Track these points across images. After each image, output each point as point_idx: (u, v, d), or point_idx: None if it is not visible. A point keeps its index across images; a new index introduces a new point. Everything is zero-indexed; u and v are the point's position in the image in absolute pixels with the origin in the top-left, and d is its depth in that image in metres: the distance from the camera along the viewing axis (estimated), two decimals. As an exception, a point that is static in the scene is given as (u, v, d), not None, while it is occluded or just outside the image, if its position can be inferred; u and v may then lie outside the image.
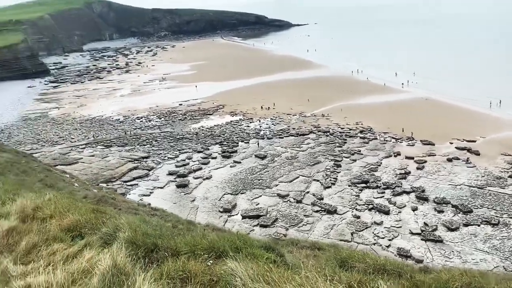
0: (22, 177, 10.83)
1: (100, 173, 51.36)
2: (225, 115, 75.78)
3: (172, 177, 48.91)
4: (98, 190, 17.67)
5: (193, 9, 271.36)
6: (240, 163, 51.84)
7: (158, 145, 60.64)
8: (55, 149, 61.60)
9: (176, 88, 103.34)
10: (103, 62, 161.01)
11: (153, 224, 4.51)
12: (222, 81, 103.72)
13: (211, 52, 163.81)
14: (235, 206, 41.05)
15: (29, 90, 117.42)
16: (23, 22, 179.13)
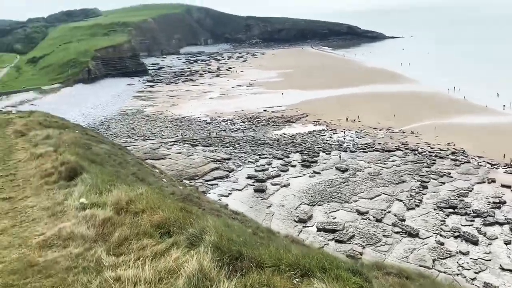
0: (117, 168, 11.49)
1: (185, 170, 53.66)
2: (308, 124, 75.37)
3: (250, 181, 49.62)
4: (183, 187, 18.31)
5: (285, 18, 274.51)
6: (320, 174, 51.10)
7: (240, 148, 61.97)
8: (146, 144, 65.63)
9: (262, 94, 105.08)
10: (196, 66, 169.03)
11: (236, 229, 4.49)
12: (308, 90, 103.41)
13: (299, 60, 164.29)
14: (311, 217, 40.47)
15: (129, 87, 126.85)
16: (129, 24, 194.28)
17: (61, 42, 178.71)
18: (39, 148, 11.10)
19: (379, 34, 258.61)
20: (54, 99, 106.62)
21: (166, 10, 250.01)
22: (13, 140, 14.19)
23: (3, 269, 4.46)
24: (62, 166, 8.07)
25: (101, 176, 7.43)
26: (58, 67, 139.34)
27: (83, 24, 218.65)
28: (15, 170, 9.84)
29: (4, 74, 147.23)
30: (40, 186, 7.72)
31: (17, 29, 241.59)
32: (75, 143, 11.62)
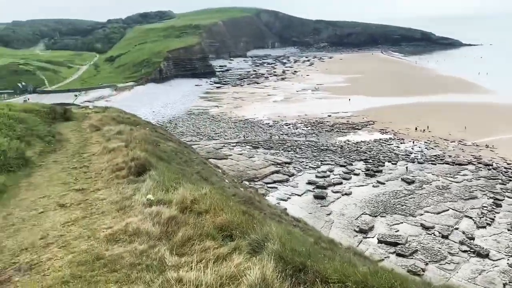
0: (183, 166, 11.75)
1: (245, 171, 54.19)
2: (374, 131, 73.16)
3: (311, 187, 48.98)
4: (244, 189, 18.42)
5: (355, 22, 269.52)
6: (384, 184, 49.31)
7: (301, 153, 61.48)
8: (210, 143, 67.18)
9: (327, 99, 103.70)
10: (262, 68, 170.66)
11: (298, 238, 4.34)
12: (376, 97, 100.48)
13: (368, 66, 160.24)
14: (372, 228, 39.12)
15: (196, 88, 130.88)
16: (200, 27, 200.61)
17: (136, 42, 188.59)
18: (111, 142, 11.62)
19: (455, 41, 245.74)
20: (127, 96, 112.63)
21: (236, 13, 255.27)
22: (89, 134, 15.03)
23: (72, 260, 4.61)
24: (132, 161, 8.34)
25: (168, 173, 7.56)
26: (132, 66, 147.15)
27: (158, 26, 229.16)
28: (89, 162, 10.33)
29: (85, 71, 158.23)
30: (111, 179, 8.03)
31: (97, 29, 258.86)
32: (145, 139, 12.04)
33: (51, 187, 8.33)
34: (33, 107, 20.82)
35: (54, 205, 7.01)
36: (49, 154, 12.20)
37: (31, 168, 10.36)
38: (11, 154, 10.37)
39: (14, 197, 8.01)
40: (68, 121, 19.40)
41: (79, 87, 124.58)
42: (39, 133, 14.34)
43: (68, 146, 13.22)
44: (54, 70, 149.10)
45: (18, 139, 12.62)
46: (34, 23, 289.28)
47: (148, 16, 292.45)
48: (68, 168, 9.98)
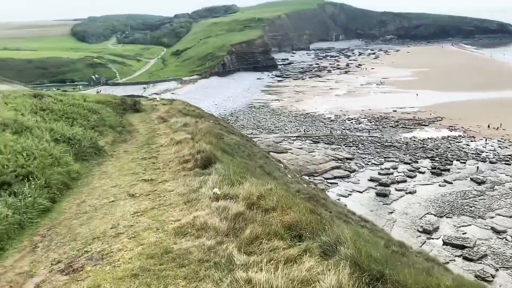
0: (246, 160, 11.72)
1: (305, 166, 53.80)
2: (442, 128, 69.52)
3: (373, 184, 47.65)
4: (306, 185, 18.19)
5: (424, 14, 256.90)
6: (451, 184, 46.82)
7: (363, 149, 59.91)
8: (270, 137, 67.39)
9: (393, 94, 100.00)
10: (325, 62, 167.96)
11: (369, 240, 4.10)
12: (445, 91, 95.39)
13: (437, 59, 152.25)
14: (437, 229, 37.35)
15: (258, 81, 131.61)
16: (263, 20, 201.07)
17: (201, 36, 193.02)
18: (178, 134, 11.93)
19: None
20: (192, 89, 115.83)
21: (300, 6, 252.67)
22: (156, 125, 15.53)
23: (142, 252, 4.66)
24: (198, 154, 8.45)
25: (233, 167, 7.57)
26: (197, 60, 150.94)
27: (222, 20, 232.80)
28: (157, 153, 10.63)
29: (153, 64, 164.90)
30: (178, 171, 8.19)
31: (165, 24, 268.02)
32: (209, 132, 12.22)
33: (121, 176, 8.61)
34: (106, 98, 22.17)
35: (125, 194, 7.22)
36: (120, 144, 12.72)
37: (103, 157, 10.83)
38: (85, 143, 10.89)
39: (87, 184, 8.36)
40: (138, 112, 20.30)
41: (147, 79, 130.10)
42: (111, 124, 15.10)
43: (137, 136, 13.68)
44: (125, 63, 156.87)
45: (92, 128, 13.34)
46: (108, 19, 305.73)
47: (214, 10, 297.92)
48: (138, 159, 10.29)
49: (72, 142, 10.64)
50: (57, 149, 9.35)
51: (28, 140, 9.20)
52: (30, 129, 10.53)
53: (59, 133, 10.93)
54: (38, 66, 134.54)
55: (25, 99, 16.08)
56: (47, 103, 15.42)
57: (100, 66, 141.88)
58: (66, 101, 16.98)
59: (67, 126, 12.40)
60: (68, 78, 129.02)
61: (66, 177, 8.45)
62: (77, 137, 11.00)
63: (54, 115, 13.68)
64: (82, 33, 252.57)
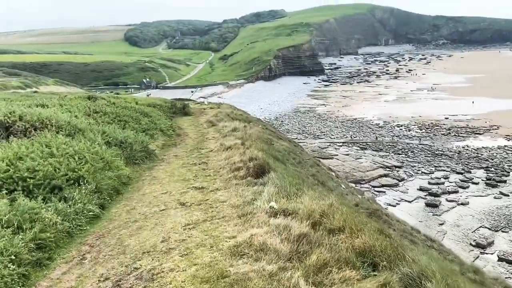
0: (297, 168, 11.36)
1: (351, 172, 52.66)
2: (498, 137, 65.94)
3: (422, 193, 45.83)
4: (361, 196, 17.52)
5: (480, 17, 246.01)
6: (508, 197, 44.16)
7: (413, 157, 57.89)
8: (315, 142, 66.65)
9: (445, 100, 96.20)
10: (374, 66, 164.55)
11: (445, 267, 3.65)
12: (501, 99, 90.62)
13: (494, 64, 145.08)
14: (491, 244, 35.29)
15: (304, 86, 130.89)
16: (311, 25, 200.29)
17: (248, 41, 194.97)
18: (227, 139, 11.75)
19: None
20: (238, 93, 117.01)
21: (349, 10, 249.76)
22: (205, 129, 15.46)
23: (196, 274, 4.28)
24: (250, 162, 8.18)
25: (288, 177, 7.18)
26: (244, 64, 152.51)
27: (269, 25, 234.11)
28: (207, 159, 10.46)
29: (201, 69, 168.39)
30: (229, 179, 7.92)
31: (213, 29, 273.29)
32: (259, 137, 11.95)
33: (172, 182, 8.44)
34: (156, 101, 22.47)
35: (175, 203, 7.03)
36: (170, 148, 12.66)
37: (153, 161, 10.75)
38: (136, 147, 10.80)
39: (138, 190, 8.20)
40: (187, 115, 20.50)
41: (195, 83, 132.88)
42: (162, 127, 15.17)
43: (187, 140, 13.65)
44: (174, 68, 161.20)
45: (143, 132, 13.40)
46: (159, 24, 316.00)
47: (261, 15, 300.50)
48: (188, 164, 10.14)
49: (123, 145, 10.55)
50: (108, 152, 9.24)
51: (80, 143, 9.12)
52: (83, 131, 10.55)
53: (111, 136, 10.88)
54: (94, 70, 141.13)
55: (79, 101, 16.45)
56: (100, 105, 15.66)
57: (151, 70, 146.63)
58: (119, 103, 17.18)
59: (119, 129, 12.43)
60: (121, 81, 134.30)
61: (117, 182, 8.34)
62: (129, 141, 10.90)
63: (106, 118, 13.83)
64: (134, 38, 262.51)
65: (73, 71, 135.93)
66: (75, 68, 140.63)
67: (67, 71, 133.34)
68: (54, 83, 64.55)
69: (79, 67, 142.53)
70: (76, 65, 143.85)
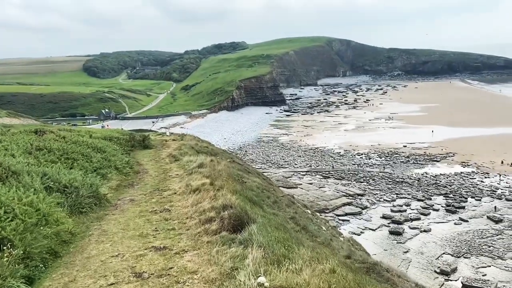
0: (275, 210, 10.69)
1: (315, 202, 52.55)
2: (454, 164, 68.33)
3: (385, 221, 46.18)
4: (345, 241, 16.48)
5: (432, 50, 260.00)
6: (468, 222, 45.23)
7: (375, 185, 58.73)
8: (279, 171, 66.53)
9: (402, 129, 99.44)
10: (333, 97, 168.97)
11: None
12: (455, 127, 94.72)
13: (446, 95, 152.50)
14: (455, 270, 35.64)
15: (266, 116, 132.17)
16: (271, 57, 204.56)
17: (210, 72, 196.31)
18: (194, 178, 10.56)
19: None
20: (201, 123, 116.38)
21: (308, 42, 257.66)
22: (168, 165, 14.34)
23: None
24: (225, 210, 7.00)
25: (271, 230, 6.04)
26: (206, 94, 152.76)
27: (231, 56, 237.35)
28: (170, 205, 9.12)
29: (162, 99, 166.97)
30: (199, 235, 6.66)
31: (175, 60, 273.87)
32: (229, 174, 10.96)
33: (126, 239, 7.01)
34: (113, 134, 21.34)
35: (129, 272, 5.60)
36: (126, 190, 11.34)
37: (104, 209, 9.28)
38: (84, 191, 9.24)
39: (82, 251, 6.71)
40: (147, 149, 19.36)
41: (156, 114, 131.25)
42: (117, 164, 13.79)
43: (146, 179, 12.44)
44: (135, 98, 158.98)
45: (95, 171, 12.02)
46: (119, 55, 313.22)
47: (223, 47, 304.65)
48: (147, 212, 8.73)
49: (68, 190, 8.98)
50: (47, 201, 7.55)
51: (10, 191, 7.32)
52: (18, 174, 8.88)
53: (54, 179, 9.22)
54: (50, 101, 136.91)
55: (22, 136, 14.89)
56: (47, 140, 14.33)
57: (110, 101, 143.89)
58: (69, 138, 15.85)
59: (65, 169, 10.91)
60: (79, 112, 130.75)
61: (55, 241, 6.72)
62: (75, 184, 9.32)
63: (51, 156, 12.17)
64: (93, 68, 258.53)
65: (28, 102, 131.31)
66: (30, 99, 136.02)
67: (21, 102, 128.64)
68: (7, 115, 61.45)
69: (35, 98, 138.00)
70: (31, 96, 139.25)
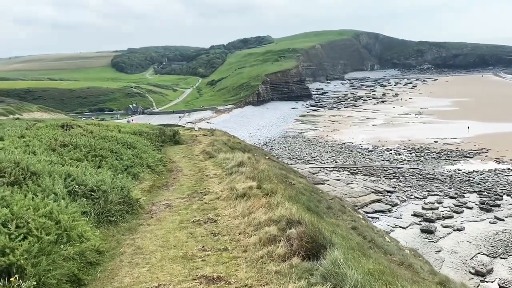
0: (332, 218, 8.70)
1: (343, 198, 51.69)
2: (488, 160, 65.94)
3: (417, 219, 44.91)
4: (414, 253, 14.79)
5: (463, 43, 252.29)
6: (503, 221, 43.51)
7: (405, 181, 57.27)
8: (306, 167, 65.73)
9: (433, 124, 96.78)
10: (360, 91, 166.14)
11: None
12: (488, 122, 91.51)
13: (478, 89, 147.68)
14: (491, 271, 34.31)
15: (292, 111, 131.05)
16: (297, 51, 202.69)
17: (236, 67, 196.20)
18: (236, 180, 9.43)
19: None
20: (226, 118, 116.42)
21: (335, 36, 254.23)
22: (202, 162, 13.38)
23: None
24: (291, 227, 5.42)
25: (359, 257, 4.69)
26: (232, 89, 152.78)
27: (256, 51, 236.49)
28: (215, 213, 7.69)
29: (188, 94, 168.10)
30: (262, 262, 5.16)
31: (201, 55, 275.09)
32: (275, 176, 9.68)
33: (167, 262, 5.57)
34: (143, 128, 20.56)
35: None
36: (161, 191, 10.15)
37: (137, 217, 7.86)
38: (113, 196, 7.73)
39: (112, 277, 5.23)
40: (178, 144, 18.70)
41: (183, 109, 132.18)
42: (149, 162, 12.63)
43: (182, 179, 11.33)
44: (161, 93, 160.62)
45: (125, 170, 10.77)
46: (146, 50, 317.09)
47: (248, 41, 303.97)
48: (188, 222, 7.35)
49: (95, 195, 7.47)
50: (69, 210, 6.04)
51: (25, 198, 5.87)
52: (38, 175, 7.48)
53: (79, 182, 7.73)
54: (79, 96, 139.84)
55: (48, 130, 13.78)
56: (74, 135, 13.18)
57: (137, 96, 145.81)
58: (97, 132, 14.78)
59: (93, 168, 9.63)
60: (107, 107, 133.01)
61: (78, 263, 5.19)
62: (103, 188, 7.77)
63: (77, 153, 10.80)
64: (121, 64, 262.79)
65: (58, 98, 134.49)
66: (60, 94, 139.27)
67: (52, 98, 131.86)
68: (38, 110, 63.08)
69: (65, 93, 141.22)
70: (61, 91, 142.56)
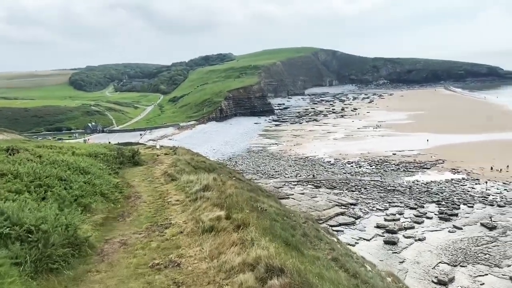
0: (310, 250, 7.61)
1: (308, 212, 51.80)
2: (444, 171, 68.43)
3: (380, 231, 45.69)
4: (394, 278, 14.36)
5: (416, 58, 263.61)
6: (462, 230, 44.97)
7: (367, 194, 58.37)
8: (270, 181, 65.81)
9: (391, 137, 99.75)
10: (320, 106, 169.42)
11: None
12: (442, 134, 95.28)
13: (431, 102, 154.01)
14: (452, 280, 35.17)
15: (255, 126, 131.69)
16: (259, 67, 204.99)
17: (198, 83, 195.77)
18: (202, 208, 8.51)
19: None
20: (189, 134, 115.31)
21: (294, 53, 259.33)
22: (164, 185, 12.33)
23: None
24: (271, 276, 4.64)
25: None
26: (194, 106, 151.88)
27: (219, 68, 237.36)
28: (178, 253, 6.66)
29: (150, 111, 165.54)
30: None
31: (162, 72, 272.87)
32: (244, 200, 8.82)
33: None
34: (100, 149, 19.31)
35: None
36: (116, 224, 9.00)
37: (86, 261, 6.60)
38: (56, 238, 6.49)
39: None
40: (137, 166, 17.54)
41: (144, 126, 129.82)
42: (103, 189, 11.28)
43: (140, 207, 10.25)
44: (122, 111, 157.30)
45: (75, 200, 9.42)
46: (105, 68, 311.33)
47: (210, 58, 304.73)
48: (146, 266, 6.29)
49: (32, 237, 6.23)
50: None
51: None
52: None
53: (13, 221, 6.48)
54: (35, 115, 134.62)
55: None
56: (18, 161, 11.61)
57: (97, 114, 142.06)
58: (47, 157, 13.25)
59: (35, 201, 8.24)
60: (65, 126, 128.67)
61: None
62: (44, 227, 6.51)
63: (17, 183, 9.23)
64: (80, 81, 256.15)
65: (12, 117, 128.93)
66: (14, 113, 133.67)
67: (5, 117, 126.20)
68: (-10, 130, 59.88)
69: (19, 112, 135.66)
70: (16, 111, 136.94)
